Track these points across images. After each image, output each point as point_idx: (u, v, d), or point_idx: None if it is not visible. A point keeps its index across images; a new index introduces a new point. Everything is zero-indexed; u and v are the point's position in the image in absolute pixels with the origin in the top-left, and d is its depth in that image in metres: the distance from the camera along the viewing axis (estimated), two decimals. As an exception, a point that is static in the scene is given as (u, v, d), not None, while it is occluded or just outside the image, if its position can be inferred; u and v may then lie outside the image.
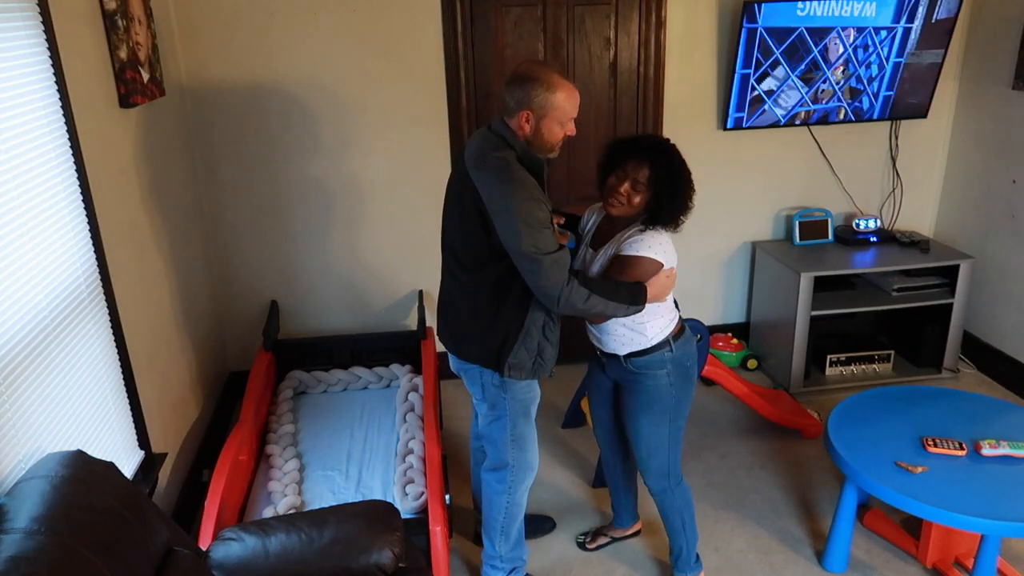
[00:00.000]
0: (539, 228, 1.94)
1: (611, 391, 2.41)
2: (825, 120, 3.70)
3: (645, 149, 2.05)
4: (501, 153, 2.00)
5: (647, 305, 2.10)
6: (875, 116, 3.74)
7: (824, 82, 3.58)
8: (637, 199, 2.05)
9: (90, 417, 2.09)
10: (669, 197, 2.03)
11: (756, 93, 3.56)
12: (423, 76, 3.40)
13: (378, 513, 1.97)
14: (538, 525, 2.80)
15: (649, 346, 2.17)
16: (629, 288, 2.05)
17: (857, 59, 3.55)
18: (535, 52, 3.45)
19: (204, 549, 1.88)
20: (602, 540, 2.73)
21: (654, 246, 2.05)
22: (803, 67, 3.53)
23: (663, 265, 2.06)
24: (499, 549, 2.43)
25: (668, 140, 2.10)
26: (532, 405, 2.29)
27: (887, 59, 3.58)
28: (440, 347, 3.46)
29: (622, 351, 2.21)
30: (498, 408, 2.24)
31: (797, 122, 3.68)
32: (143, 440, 2.46)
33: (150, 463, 2.47)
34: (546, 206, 2.00)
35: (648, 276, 2.06)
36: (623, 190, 2.05)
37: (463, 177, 2.06)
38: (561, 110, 1.99)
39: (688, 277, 3.91)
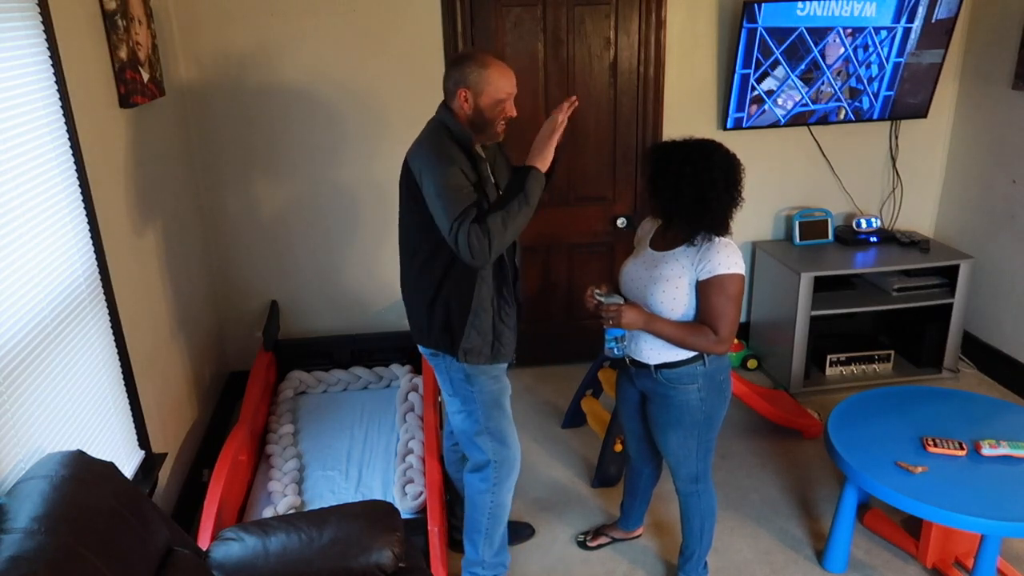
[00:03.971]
0: (453, 175, 1.99)
1: (640, 402, 2.35)
2: (825, 120, 3.70)
3: (652, 148, 2.09)
4: (435, 132, 2.11)
5: (690, 314, 2.08)
6: (875, 116, 3.74)
7: (824, 82, 3.58)
8: (650, 196, 2.10)
9: (90, 417, 2.09)
10: (662, 195, 2.04)
11: (756, 93, 3.56)
12: (423, 76, 3.40)
13: (378, 513, 1.97)
14: (516, 532, 2.77)
15: (682, 358, 2.13)
16: (521, 190, 2.03)
17: (857, 59, 3.55)
18: (535, 52, 3.45)
19: (204, 549, 1.88)
20: (603, 540, 2.73)
21: (731, 256, 2.03)
22: (803, 67, 3.53)
23: (744, 277, 2.07)
24: (482, 554, 2.40)
25: (696, 141, 2.04)
26: (503, 396, 2.28)
27: (887, 59, 3.58)
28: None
29: (653, 360, 2.16)
30: (467, 402, 2.26)
31: (798, 122, 3.68)
32: (143, 440, 2.47)
33: (150, 463, 2.47)
34: (467, 175, 2.02)
35: (739, 293, 2.04)
36: (644, 188, 2.14)
37: (405, 162, 2.13)
38: (495, 85, 2.06)
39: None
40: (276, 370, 3.49)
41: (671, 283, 2.07)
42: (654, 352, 2.15)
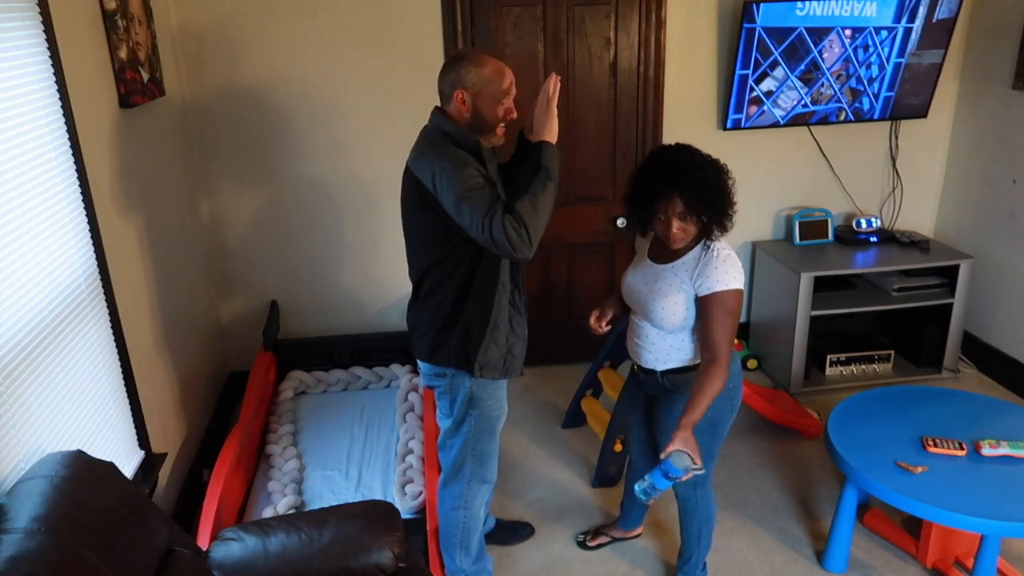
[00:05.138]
0: (471, 176, 1.90)
1: (646, 405, 2.34)
2: (825, 121, 3.70)
3: (664, 181, 1.99)
4: (437, 139, 2.01)
5: (690, 324, 2.08)
6: (875, 116, 3.73)
7: (823, 83, 3.58)
8: (692, 226, 2.00)
9: (90, 417, 2.09)
10: (716, 208, 1.98)
11: (755, 94, 3.56)
12: (423, 76, 3.40)
13: (378, 513, 1.97)
14: (515, 532, 2.77)
15: (689, 364, 2.12)
16: (539, 168, 1.97)
17: (857, 59, 3.55)
18: (535, 52, 3.45)
19: (204, 549, 1.88)
20: (603, 539, 2.73)
21: (731, 271, 2.00)
22: (802, 68, 3.53)
23: (743, 292, 2.04)
24: (460, 563, 2.38)
25: (676, 149, 2.01)
26: (499, 422, 2.24)
27: (888, 59, 3.57)
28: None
29: (660, 367, 2.16)
30: (463, 425, 2.19)
31: (797, 123, 3.67)
32: (143, 440, 2.47)
33: (150, 463, 2.47)
34: (481, 174, 1.94)
35: (738, 307, 2.01)
36: (676, 228, 1.99)
37: (407, 174, 2.04)
38: (493, 85, 1.98)
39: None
40: (276, 370, 3.49)
41: (669, 298, 2.05)
42: (659, 360, 2.15)
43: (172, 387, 2.85)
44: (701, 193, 1.95)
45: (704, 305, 2.03)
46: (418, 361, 2.22)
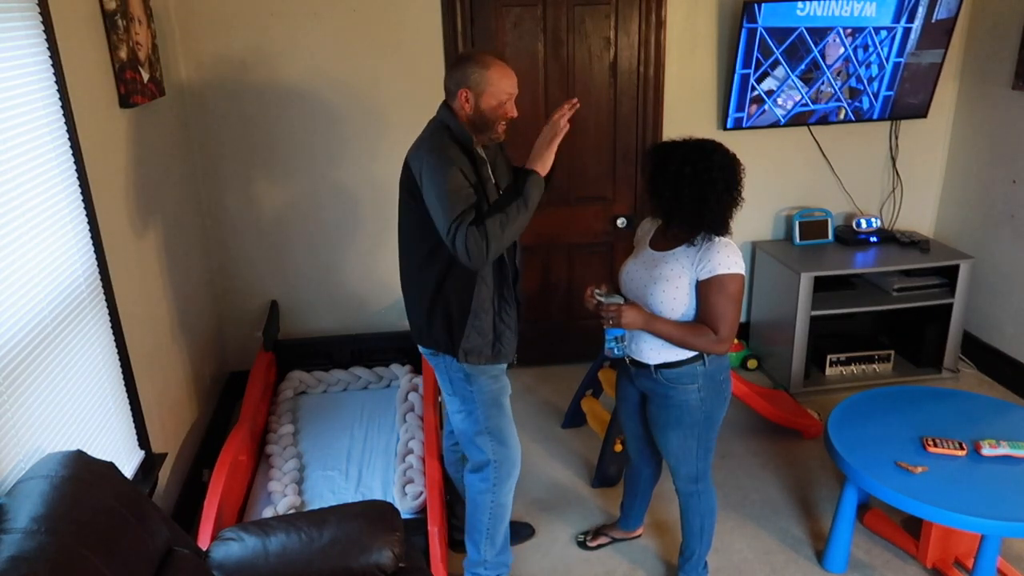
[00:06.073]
0: (454, 177, 1.99)
1: (639, 402, 2.35)
2: (825, 120, 3.70)
3: (655, 150, 2.08)
4: (437, 132, 2.11)
5: (689, 314, 2.08)
6: (875, 116, 3.74)
7: (824, 82, 3.58)
8: (650, 196, 2.10)
9: (90, 417, 2.10)
10: (669, 196, 2.03)
11: (756, 93, 3.56)
12: (423, 76, 3.40)
13: (378, 513, 1.97)
14: (515, 532, 2.76)
15: (682, 358, 2.13)
16: (520, 193, 2.04)
17: (857, 59, 3.55)
18: (535, 52, 3.45)
19: (204, 549, 1.88)
20: (603, 540, 2.73)
21: (732, 256, 2.03)
22: (803, 67, 3.53)
23: (744, 277, 2.08)
24: (484, 554, 2.40)
25: (687, 143, 2.05)
26: (502, 396, 2.29)
27: (887, 59, 3.57)
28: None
29: (653, 360, 2.16)
30: (467, 402, 2.26)
31: (798, 122, 3.67)
32: (143, 440, 2.47)
33: (150, 463, 2.47)
34: (467, 176, 2.02)
35: (739, 292, 2.05)
36: (645, 188, 2.13)
37: (406, 161, 2.14)
38: (496, 86, 2.07)
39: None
40: (276, 370, 3.49)
41: (671, 283, 2.07)
42: (654, 352, 2.15)
43: (172, 387, 2.85)
44: (655, 174, 2.05)
45: (704, 289, 2.05)
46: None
